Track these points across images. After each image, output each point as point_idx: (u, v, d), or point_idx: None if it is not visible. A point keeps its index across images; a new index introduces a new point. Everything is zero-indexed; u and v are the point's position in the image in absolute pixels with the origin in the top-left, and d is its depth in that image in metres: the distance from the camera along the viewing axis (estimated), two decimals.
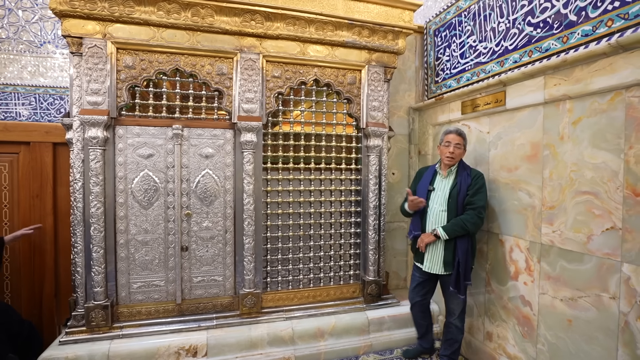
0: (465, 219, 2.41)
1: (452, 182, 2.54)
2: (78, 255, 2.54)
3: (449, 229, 2.43)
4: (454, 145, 2.52)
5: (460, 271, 2.44)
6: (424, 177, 2.69)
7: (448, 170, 2.58)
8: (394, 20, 2.96)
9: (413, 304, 2.80)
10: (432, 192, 2.60)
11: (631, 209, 1.76)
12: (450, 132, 2.57)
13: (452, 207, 2.48)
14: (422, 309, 2.79)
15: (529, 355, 2.35)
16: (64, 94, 3.76)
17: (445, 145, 2.55)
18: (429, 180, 2.64)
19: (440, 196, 2.55)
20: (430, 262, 2.57)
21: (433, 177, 2.65)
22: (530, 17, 2.33)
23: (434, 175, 2.65)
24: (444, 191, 2.55)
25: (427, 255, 2.58)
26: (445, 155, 2.54)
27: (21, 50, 3.67)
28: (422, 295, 2.73)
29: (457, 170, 2.57)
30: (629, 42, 1.70)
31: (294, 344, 2.79)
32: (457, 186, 2.49)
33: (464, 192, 2.47)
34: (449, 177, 2.58)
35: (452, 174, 2.57)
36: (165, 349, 2.54)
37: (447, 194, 2.52)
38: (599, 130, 1.91)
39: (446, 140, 2.56)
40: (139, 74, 2.59)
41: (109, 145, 2.55)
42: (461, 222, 2.41)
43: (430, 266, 2.57)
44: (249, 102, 2.76)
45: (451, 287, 2.48)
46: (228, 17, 2.63)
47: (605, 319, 1.88)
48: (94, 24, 2.45)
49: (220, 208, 2.79)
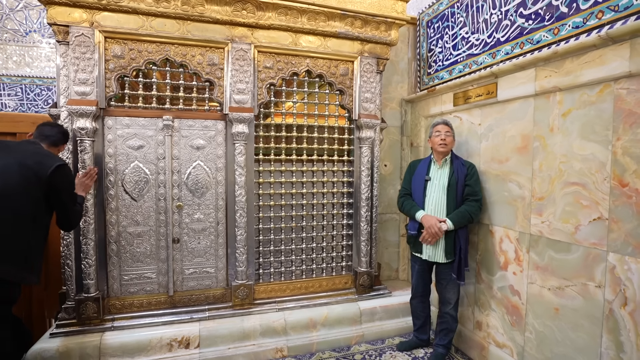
0: (470, 211, 2.48)
1: (449, 171, 2.58)
2: (68, 247, 2.51)
3: (456, 220, 2.47)
4: (445, 133, 2.57)
5: (462, 257, 2.50)
6: (419, 168, 2.72)
7: (443, 160, 2.61)
8: (387, 11, 2.94)
9: (415, 296, 2.83)
10: (429, 182, 2.62)
11: (617, 199, 1.79)
12: (438, 123, 2.64)
13: (452, 195, 2.52)
14: (423, 300, 2.82)
15: (517, 343, 2.40)
16: (51, 84, 3.68)
17: (436, 135, 2.60)
18: (425, 171, 2.66)
19: (438, 185, 2.59)
20: (431, 251, 2.59)
21: (428, 168, 2.68)
22: (522, 8, 2.34)
23: (429, 166, 2.68)
24: (441, 180, 2.59)
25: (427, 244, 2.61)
26: (438, 144, 2.58)
27: (6, 40, 3.58)
28: (424, 285, 2.77)
29: (451, 160, 2.61)
30: (618, 34, 1.72)
31: (286, 335, 2.81)
32: (455, 174, 2.54)
33: (462, 180, 2.52)
34: (444, 166, 2.61)
35: (447, 164, 2.61)
36: (158, 340, 2.54)
37: (445, 183, 2.56)
38: (588, 122, 1.93)
39: (436, 130, 2.61)
40: (128, 64, 2.54)
41: (98, 136, 2.51)
42: (467, 214, 2.47)
43: (431, 255, 2.59)
44: (241, 93, 2.73)
45: (453, 273, 2.52)
46: (219, 6, 2.59)
47: (591, 307, 1.93)
48: (80, 12, 2.40)
49: (212, 200, 2.78)
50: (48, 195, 1.95)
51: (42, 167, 1.90)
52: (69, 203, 2.06)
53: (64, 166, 2.01)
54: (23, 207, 1.85)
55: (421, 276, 2.75)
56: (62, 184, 2.00)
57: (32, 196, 1.88)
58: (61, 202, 2.02)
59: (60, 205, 2.03)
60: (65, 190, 2.04)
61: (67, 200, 2.05)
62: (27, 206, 1.86)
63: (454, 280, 2.54)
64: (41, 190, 1.91)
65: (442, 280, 2.63)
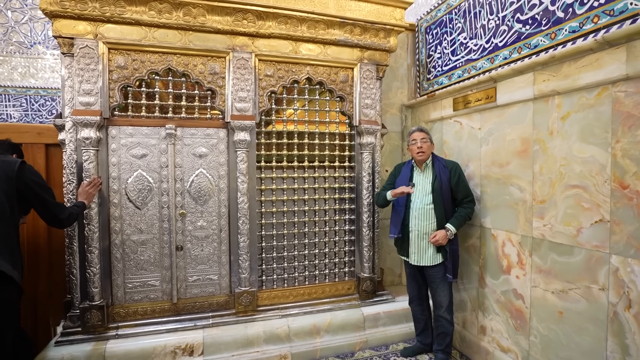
0: (468, 213, 2.56)
1: (432, 176, 2.60)
2: (73, 256, 2.53)
3: (457, 224, 2.53)
4: (420, 140, 2.60)
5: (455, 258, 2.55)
6: (402, 172, 2.75)
7: (424, 165, 2.65)
8: (386, 18, 2.98)
9: (412, 299, 2.84)
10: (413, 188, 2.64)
11: (618, 201, 1.80)
12: (413, 131, 2.69)
13: (438, 200, 2.54)
14: (421, 302, 2.82)
15: (522, 347, 2.39)
16: (55, 95, 3.73)
17: (412, 143, 2.64)
18: (408, 176, 2.68)
19: (421, 191, 2.61)
20: (417, 255, 2.61)
21: (411, 173, 2.70)
22: (519, 14, 2.36)
23: (411, 171, 2.71)
24: (424, 186, 2.61)
25: (413, 248, 2.62)
26: (415, 153, 2.62)
27: (11, 52, 3.64)
28: (418, 288, 2.78)
29: (432, 164, 2.64)
30: (614, 37, 1.74)
31: (290, 341, 2.80)
32: (438, 179, 2.56)
33: (445, 183, 2.55)
34: (425, 171, 2.65)
35: (429, 168, 2.65)
36: (162, 348, 2.54)
37: (429, 189, 2.58)
38: (587, 124, 1.94)
39: (412, 139, 2.65)
40: (131, 74, 2.58)
41: (102, 145, 2.54)
42: (466, 217, 2.55)
43: (418, 259, 2.61)
44: (242, 101, 2.76)
45: (448, 274, 2.54)
46: (220, 17, 2.63)
47: (595, 310, 1.92)
48: (85, 24, 2.44)
49: (215, 207, 2.80)
50: (22, 193, 1.99)
51: (8, 165, 1.96)
52: (45, 195, 2.08)
53: (26, 163, 2.06)
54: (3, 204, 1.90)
55: (413, 279, 2.77)
56: (31, 177, 2.03)
57: (7, 194, 1.93)
58: (37, 195, 2.04)
59: (38, 199, 2.05)
60: (36, 183, 2.06)
61: (42, 192, 2.07)
62: (6, 204, 1.91)
63: (443, 282, 2.56)
64: (13, 187, 1.95)
65: (432, 283, 2.64)
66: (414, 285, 2.78)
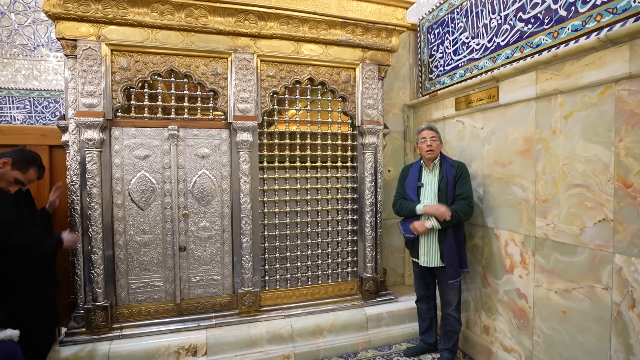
0: (457, 209, 2.48)
1: (439, 176, 2.59)
2: (77, 257, 2.54)
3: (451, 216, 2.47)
4: (430, 139, 2.59)
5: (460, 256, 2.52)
6: (411, 174, 2.73)
7: (432, 164, 2.64)
8: (387, 18, 2.98)
9: (419, 298, 2.84)
10: (422, 187, 2.64)
11: (622, 200, 1.79)
12: (423, 129, 2.67)
13: (443, 200, 2.53)
14: (428, 301, 2.83)
15: (525, 347, 2.38)
16: (58, 97, 3.76)
17: (422, 141, 2.63)
18: (416, 177, 2.68)
19: (430, 191, 2.60)
20: (427, 257, 2.61)
21: (419, 174, 2.69)
22: (522, 13, 2.36)
23: (419, 171, 2.70)
24: (432, 185, 2.61)
25: (423, 250, 2.61)
26: (425, 151, 2.61)
27: (15, 54, 3.66)
28: (427, 287, 2.79)
29: (440, 163, 2.62)
30: (617, 36, 1.73)
31: (293, 342, 2.81)
32: (444, 179, 2.55)
33: (451, 183, 2.54)
34: (434, 170, 2.64)
35: (437, 167, 2.63)
36: (165, 348, 2.55)
37: (436, 188, 2.58)
38: (590, 123, 1.94)
39: (421, 137, 2.64)
40: (134, 76, 2.59)
41: (105, 147, 2.55)
42: (454, 212, 2.46)
43: (427, 260, 2.61)
44: (244, 102, 2.77)
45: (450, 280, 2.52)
46: (222, 18, 2.64)
47: (599, 310, 1.91)
48: (87, 26, 2.46)
49: (218, 208, 2.81)
50: None
51: None
52: None
53: None
54: None
55: (422, 279, 2.77)
56: None
57: None
58: None
59: None
60: None
61: None
62: None
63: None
64: None
65: (441, 282, 2.64)
66: (422, 284, 2.78)
